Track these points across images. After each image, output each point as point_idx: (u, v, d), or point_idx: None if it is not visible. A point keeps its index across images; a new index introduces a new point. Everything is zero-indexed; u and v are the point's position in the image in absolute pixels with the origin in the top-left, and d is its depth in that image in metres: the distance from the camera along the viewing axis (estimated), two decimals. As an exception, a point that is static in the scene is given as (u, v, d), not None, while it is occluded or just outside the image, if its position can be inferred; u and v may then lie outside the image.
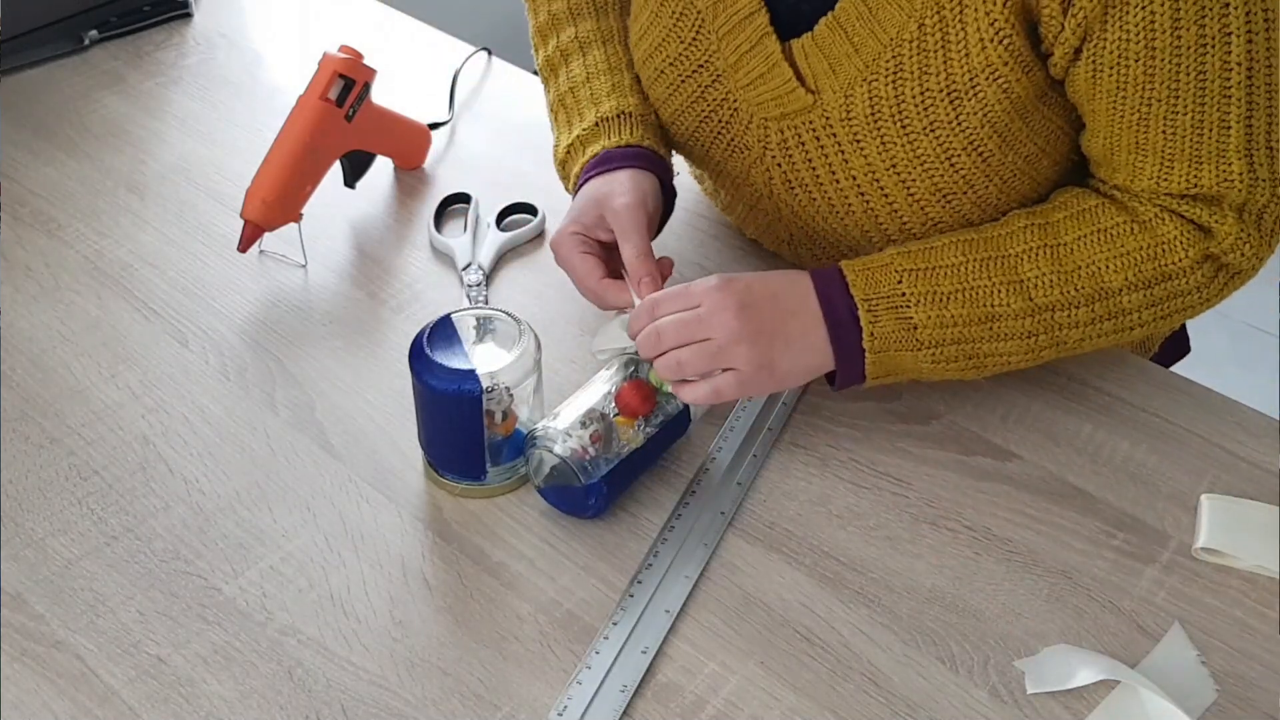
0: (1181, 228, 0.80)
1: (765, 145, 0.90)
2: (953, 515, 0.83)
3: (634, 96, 0.95)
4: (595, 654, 0.73)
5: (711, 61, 0.89)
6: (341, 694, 0.72)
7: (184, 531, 0.81)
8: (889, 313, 0.81)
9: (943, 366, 0.83)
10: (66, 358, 0.94)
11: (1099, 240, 0.81)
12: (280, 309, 0.99)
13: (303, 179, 1.01)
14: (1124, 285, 0.81)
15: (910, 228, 0.87)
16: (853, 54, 0.82)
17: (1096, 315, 0.82)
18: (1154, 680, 0.71)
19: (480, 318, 0.83)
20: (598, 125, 0.93)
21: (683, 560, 0.79)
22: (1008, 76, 0.79)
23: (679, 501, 0.83)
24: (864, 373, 0.82)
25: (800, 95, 0.85)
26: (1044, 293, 0.81)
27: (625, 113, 0.94)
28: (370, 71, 1.04)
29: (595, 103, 0.95)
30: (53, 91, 1.25)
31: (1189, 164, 0.79)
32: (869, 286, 0.81)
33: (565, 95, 0.97)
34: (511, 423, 0.82)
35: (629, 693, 0.71)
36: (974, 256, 0.82)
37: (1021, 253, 0.82)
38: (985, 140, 0.82)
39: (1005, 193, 0.86)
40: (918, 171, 0.84)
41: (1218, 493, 0.83)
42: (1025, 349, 0.83)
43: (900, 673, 0.73)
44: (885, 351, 0.81)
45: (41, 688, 0.72)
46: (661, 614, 0.76)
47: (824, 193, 0.89)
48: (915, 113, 0.82)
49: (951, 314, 0.81)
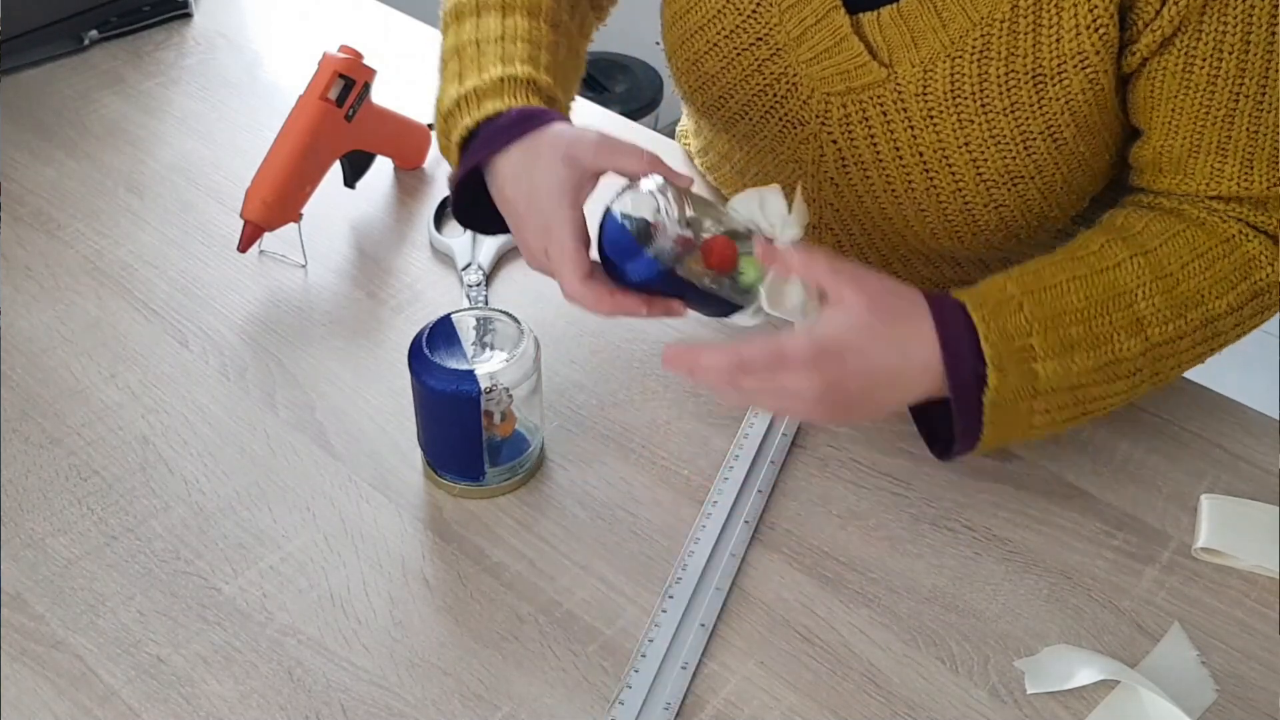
0: (1262, 243, 0.79)
1: (824, 121, 0.88)
2: (953, 515, 0.83)
3: (548, 76, 0.84)
4: (635, 672, 0.73)
5: (772, 35, 0.88)
6: (341, 694, 0.72)
7: (184, 531, 0.81)
8: (1016, 369, 0.74)
9: (1052, 417, 0.77)
10: (66, 358, 0.94)
11: (1201, 266, 0.78)
12: (280, 309, 0.99)
13: (303, 179, 1.01)
14: (1225, 309, 0.78)
15: (972, 208, 0.87)
16: (940, 29, 0.81)
17: (1196, 342, 0.78)
18: (1154, 680, 0.71)
19: (480, 318, 0.83)
20: (502, 82, 0.82)
21: (712, 572, 0.78)
22: (1096, 66, 0.79)
23: (700, 513, 0.82)
24: (979, 437, 0.75)
25: (872, 69, 0.84)
26: (1160, 329, 0.76)
27: (536, 84, 0.83)
28: (370, 71, 1.04)
29: (504, 62, 0.84)
30: (53, 91, 1.25)
31: (1269, 164, 0.78)
32: (1002, 340, 0.73)
33: (467, 44, 0.87)
34: (510, 423, 0.82)
35: (673, 710, 0.71)
36: (1095, 298, 0.76)
37: (1135, 288, 0.76)
38: (1063, 127, 0.82)
39: (1069, 182, 0.85)
40: (991, 151, 0.83)
41: (1218, 493, 0.83)
42: (1129, 388, 0.78)
43: (900, 673, 0.73)
44: (1002, 405, 0.74)
45: (41, 688, 0.72)
46: (697, 628, 0.75)
47: (883, 171, 0.88)
48: (997, 93, 0.81)
49: (1077, 365, 0.75)
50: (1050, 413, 0.77)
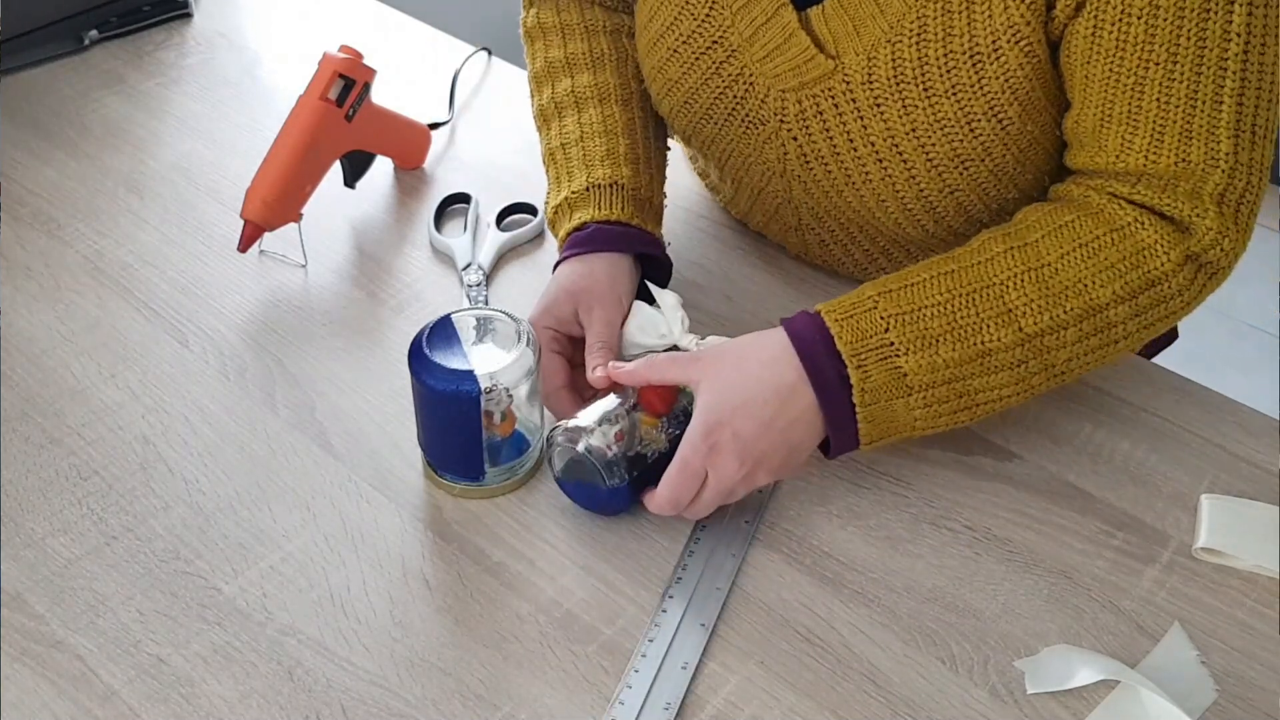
0: (1160, 230, 0.79)
1: (782, 119, 0.89)
2: (953, 515, 0.83)
3: (627, 167, 0.94)
4: (635, 672, 0.73)
5: (726, 37, 0.89)
6: (341, 694, 0.72)
7: (184, 531, 0.81)
8: (878, 365, 0.77)
9: (934, 410, 0.79)
10: (66, 358, 0.94)
11: (1082, 256, 0.79)
12: (280, 309, 0.99)
13: (303, 179, 1.01)
14: (1111, 299, 0.79)
15: (928, 195, 0.87)
16: (878, 15, 0.82)
17: (1084, 333, 0.79)
18: (1154, 680, 0.71)
19: (480, 318, 0.83)
20: (588, 191, 0.93)
21: (712, 572, 0.78)
22: (1030, 37, 0.79)
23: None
24: (857, 433, 0.79)
25: (820, 61, 0.85)
26: (1033, 319, 0.78)
27: (617, 184, 0.93)
28: (370, 71, 1.04)
29: (587, 165, 0.94)
30: (53, 91, 1.25)
31: (1179, 138, 0.77)
32: (856, 340, 0.77)
33: (556, 150, 0.97)
34: (510, 423, 0.82)
35: (673, 710, 0.71)
36: (959, 291, 0.78)
37: (1006, 280, 0.78)
38: (1006, 106, 0.82)
39: (1021, 163, 0.86)
40: (938, 136, 0.84)
41: (1218, 493, 0.83)
42: (1016, 380, 0.79)
43: (900, 673, 0.73)
44: (876, 404, 0.78)
45: (41, 688, 0.72)
46: (697, 628, 0.75)
47: (841, 164, 0.88)
48: (938, 75, 0.82)
49: (943, 357, 0.77)
50: (931, 406, 0.79)
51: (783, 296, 1.00)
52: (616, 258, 0.90)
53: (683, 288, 0.98)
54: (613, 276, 0.89)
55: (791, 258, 1.04)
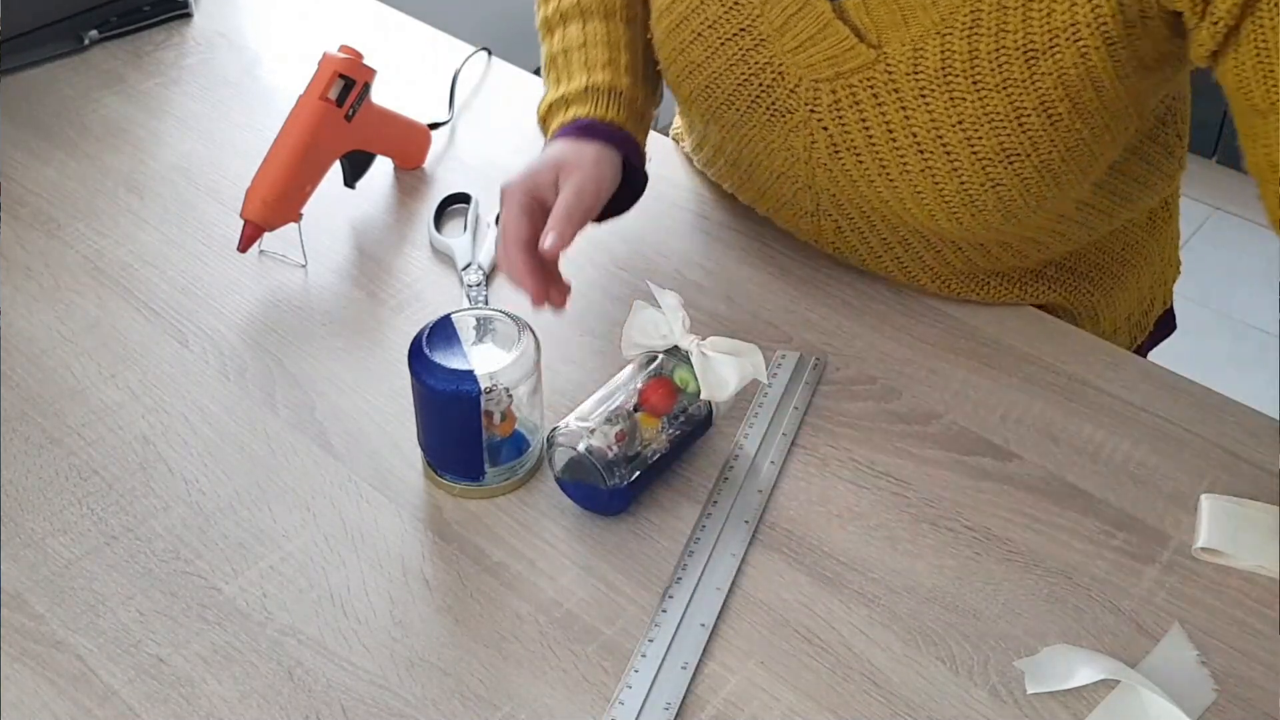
0: None
1: (812, 108, 0.89)
2: (953, 515, 0.83)
3: (628, 77, 0.96)
4: (635, 672, 0.73)
5: (755, 25, 0.88)
6: (341, 694, 0.72)
7: (184, 531, 0.81)
8: None
9: None
10: (66, 358, 0.94)
11: None
12: (280, 309, 0.99)
13: (303, 179, 1.01)
14: None
15: (969, 188, 0.86)
16: (929, 6, 0.81)
17: None
18: (1154, 680, 0.71)
19: (480, 318, 0.83)
20: (585, 91, 0.95)
21: (712, 572, 0.78)
22: (1088, 41, 0.79)
23: (701, 513, 0.82)
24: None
25: (860, 51, 0.85)
26: None
27: (616, 90, 0.95)
28: (370, 71, 1.04)
29: (588, 69, 0.96)
30: (53, 91, 1.25)
31: None
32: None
33: (558, 55, 0.99)
34: (510, 423, 0.82)
35: (673, 710, 0.71)
36: None
37: None
38: (1057, 102, 0.82)
39: (1067, 160, 0.85)
40: (985, 129, 0.83)
41: (1218, 493, 0.83)
42: None
43: (900, 673, 0.73)
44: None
45: (41, 688, 0.72)
46: (697, 628, 0.75)
47: (876, 154, 0.88)
48: (989, 69, 0.81)
49: None
50: None
51: (783, 297, 1.00)
52: (608, 150, 0.92)
53: (683, 288, 0.98)
54: (599, 161, 0.90)
55: (793, 249, 1.03)
